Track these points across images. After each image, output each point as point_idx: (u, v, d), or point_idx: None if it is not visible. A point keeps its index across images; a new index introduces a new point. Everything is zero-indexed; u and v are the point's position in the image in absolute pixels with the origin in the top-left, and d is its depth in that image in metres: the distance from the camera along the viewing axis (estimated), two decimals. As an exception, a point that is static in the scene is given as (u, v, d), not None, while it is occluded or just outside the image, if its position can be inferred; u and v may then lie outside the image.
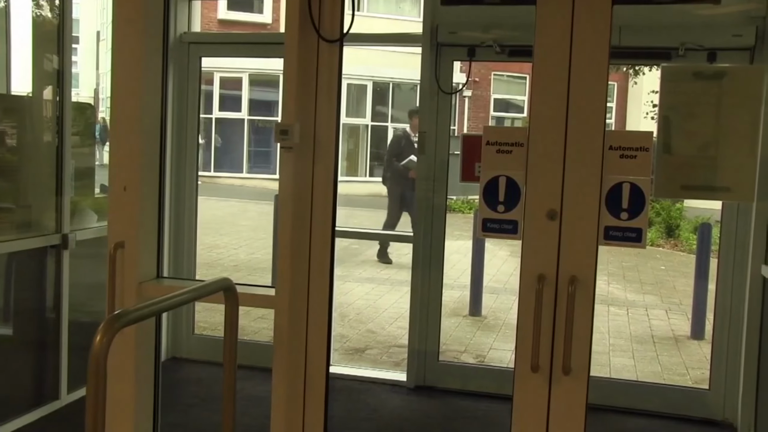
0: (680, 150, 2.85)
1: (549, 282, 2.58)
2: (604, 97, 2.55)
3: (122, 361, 2.85)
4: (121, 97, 2.91)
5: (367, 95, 21.73)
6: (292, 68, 2.75)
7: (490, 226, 2.69)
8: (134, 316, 2.18)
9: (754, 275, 4.47)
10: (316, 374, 2.88)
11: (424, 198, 5.19)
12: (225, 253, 11.15)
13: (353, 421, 4.70)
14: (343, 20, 2.80)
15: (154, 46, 2.96)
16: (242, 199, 17.75)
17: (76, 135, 4.86)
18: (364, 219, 14.93)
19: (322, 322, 2.87)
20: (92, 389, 1.97)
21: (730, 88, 2.80)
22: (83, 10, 21.39)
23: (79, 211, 4.91)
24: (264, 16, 21.93)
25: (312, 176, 2.82)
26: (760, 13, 4.47)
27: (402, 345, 6.07)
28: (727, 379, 4.73)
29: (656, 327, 7.67)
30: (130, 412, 2.94)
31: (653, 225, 13.39)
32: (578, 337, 2.55)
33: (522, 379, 2.63)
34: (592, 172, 2.54)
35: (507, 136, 2.66)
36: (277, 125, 2.75)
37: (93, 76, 23.02)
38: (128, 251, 2.91)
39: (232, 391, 2.65)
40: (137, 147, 2.90)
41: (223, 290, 2.59)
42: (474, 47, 5.13)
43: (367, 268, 10.35)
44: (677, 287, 9.78)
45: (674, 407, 4.90)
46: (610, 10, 2.50)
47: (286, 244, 2.81)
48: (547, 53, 2.56)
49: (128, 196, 2.91)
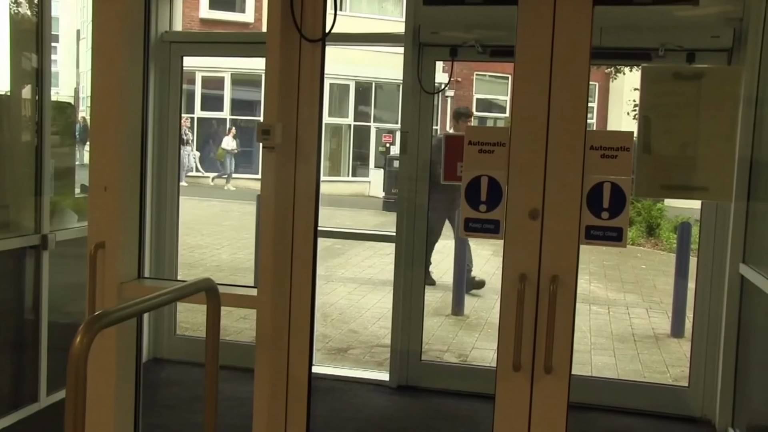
0: (660, 150, 2.87)
1: (531, 281, 2.59)
2: (586, 97, 2.57)
3: (103, 362, 2.83)
4: (101, 97, 2.89)
5: (350, 95, 21.73)
6: (274, 68, 2.74)
7: (472, 226, 2.69)
8: (115, 316, 2.16)
9: (733, 274, 4.52)
10: (298, 374, 2.87)
11: (407, 198, 5.20)
12: (207, 254, 11.10)
13: (336, 421, 4.69)
14: (325, 20, 2.80)
15: (135, 45, 2.94)
16: (224, 199, 17.69)
17: (56, 134, 4.82)
18: (347, 219, 14.93)
19: (304, 322, 2.87)
20: (72, 391, 1.95)
21: (708, 89, 2.82)
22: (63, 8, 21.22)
23: (58, 212, 4.86)
24: (246, 15, 21.87)
25: (294, 176, 2.82)
26: (737, 15, 4.52)
27: (384, 345, 6.07)
28: (706, 376, 4.78)
29: (637, 325, 7.73)
30: (111, 414, 2.92)
31: (634, 224, 13.48)
32: (560, 336, 2.57)
33: (504, 378, 2.64)
34: (574, 172, 2.56)
35: (489, 136, 2.67)
36: (260, 125, 2.74)
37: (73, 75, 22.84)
38: (109, 251, 2.89)
39: (214, 391, 2.64)
40: (118, 147, 2.89)
41: (205, 290, 2.58)
42: (456, 47, 5.14)
43: (350, 267, 10.35)
44: (657, 286, 9.86)
45: (654, 405, 4.93)
46: (591, 11, 2.52)
47: (268, 244, 2.81)
48: (529, 53, 2.57)
49: (109, 196, 2.89)
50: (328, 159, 21.11)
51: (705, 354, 4.78)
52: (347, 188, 20.21)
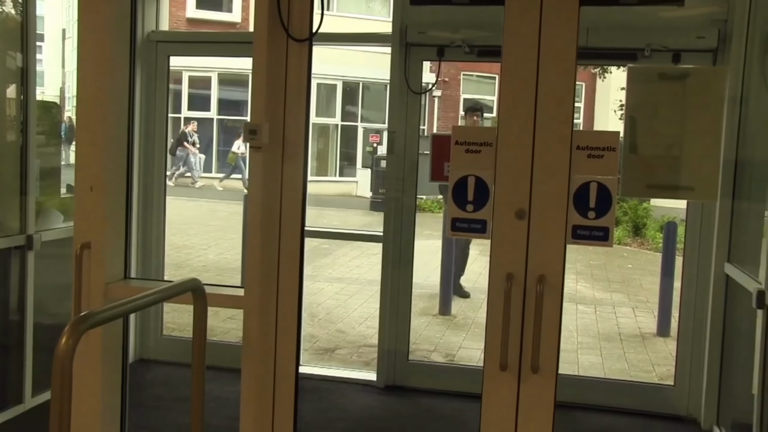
0: (646, 150, 2.89)
1: (518, 281, 2.59)
2: (572, 97, 2.58)
3: (88, 363, 2.82)
4: (87, 96, 2.88)
5: (337, 95, 21.70)
6: (261, 68, 2.74)
7: (459, 226, 2.70)
8: (101, 317, 2.15)
9: (718, 273, 4.55)
10: (285, 374, 2.87)
11: (394, 198, 5.20)
12: (194, 254, 11.06)
13: (323, 421, 4.69)
14: (312, 19, 2.80)
15: (121, 45, 2.93)
16: (211, 199, 17.63)
17: (42, 134, 4.79)
18: (334, 219, 14.91)
19: (291, 322, 2.86)
20: (57, 393, 1.94)
21: (693, 89, 2.84)
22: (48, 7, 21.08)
23: (44, 212, 4.83)
24: (233, 14, 21.80)
25: (281, 176, 2.81)
26: (722, 16, 4.55)
27: (372, 345, 6.07)
28: (692, 375, 4.81)
29: (623, 325, 7.77)
30: (97, 415, 2.90)
31: (620, 224, 13.55)
32: (546, 336, 2.58)
33: (491, 377, 2.65)
34: (560, 172, 2.57)
35: (476, 135, 2.68)
36: (246, 125, 2.73)
37: (59, 75, 22.70)
38: (95, 252, 2.88)
39: (201, 392, 2.64)
40: (104, 146, 2.87)
41: (192, 291, 2.57)
42: (443, 47, 5.15)
43: (337, 267, 10.34)
44: (644, 285, 9.91)
45: (640, 404, 4.96)
46: (578, 11, 2.53)
47: (255, 244, 2.80)
48: (516, 53, 2.58)
49: (95, 196, 2.88)
50: (316, 159, 21.08)
51: (691, 353, 4.81)
52: (334, 188, 20.18)
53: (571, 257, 5.19)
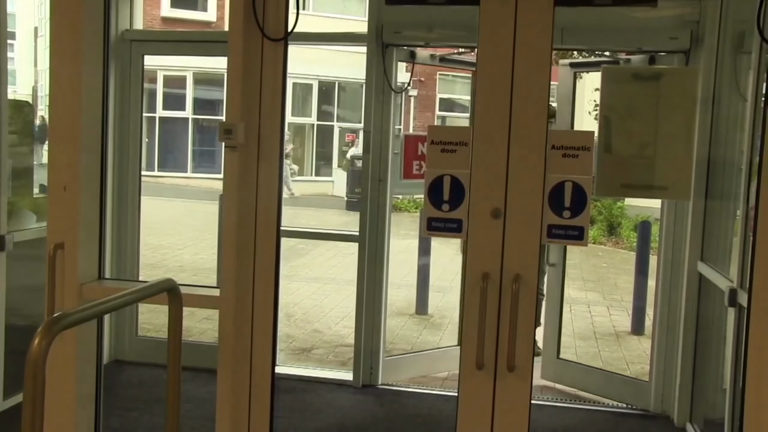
0: (620, 150, 2.92)
1: (493, 280, 2.61)
2: (547, 97, 2.60)
3: (62, 365, 2.79)
4: (60, 95, 2.85)
5: (313, 94, 21.66)
6: (237, 67, 2.73)
7: (435, 225, 2.71)
8: (74, 318, 2.13)
9: (691, 272, 4.60)
10: (261, 375, 2.86)
11: (370, 197, 5.19)
12: (169, 254, 10.98)
13: (299, 421, 4.68)
14: (287, 19, 2.79)
15: (94, 44, 2.90)
16: (187, 199, 17.51)
17: (14, 133, 4.73)
18: (311, 218, 14.88)
19: (267, 322, 2.85)
20: (30, 395, 1.91)
21: (667, 90, 2.88)
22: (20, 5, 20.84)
23: (16, 212, 4.77)
24: (208, 14, 21.67)
25: (257, 176, 2.81)
26: (694, 17, 4.60)
27: (348, 344, 6.07)
28: (666, 372, 4.86)
29: (598, 323, 7.83)
30: (71, 417, 2.88)
31: (595, 223, 13.65)
32: (522, 335, 2.59)
33: (467, 376, 2.66)
34: (536, 171, 2.58)
35: (451, 135, 2.69)
36: (222, 124, 2.72)
37: (31, 73, 22.45)
38: (68, 252, 2.85)
39: (177, 393, 2.62)
40: (77, 146, 2.85)
41: (167, 291, 2.55)
42: (415, 51, 5.19)
43: (313, 267, 10.32)
44: (618, 284, 9.99)
45: (616, 400, 5.01)
46: (552, 12, 2.55)
47: (230, 244, 2.79)
48: (491, 53, 2.59)
49: (68, 196, 2.85)
50: (292, 159, 21.01)
51: (665, 351, 4.86)
52: (310, 188, 20.14)
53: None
